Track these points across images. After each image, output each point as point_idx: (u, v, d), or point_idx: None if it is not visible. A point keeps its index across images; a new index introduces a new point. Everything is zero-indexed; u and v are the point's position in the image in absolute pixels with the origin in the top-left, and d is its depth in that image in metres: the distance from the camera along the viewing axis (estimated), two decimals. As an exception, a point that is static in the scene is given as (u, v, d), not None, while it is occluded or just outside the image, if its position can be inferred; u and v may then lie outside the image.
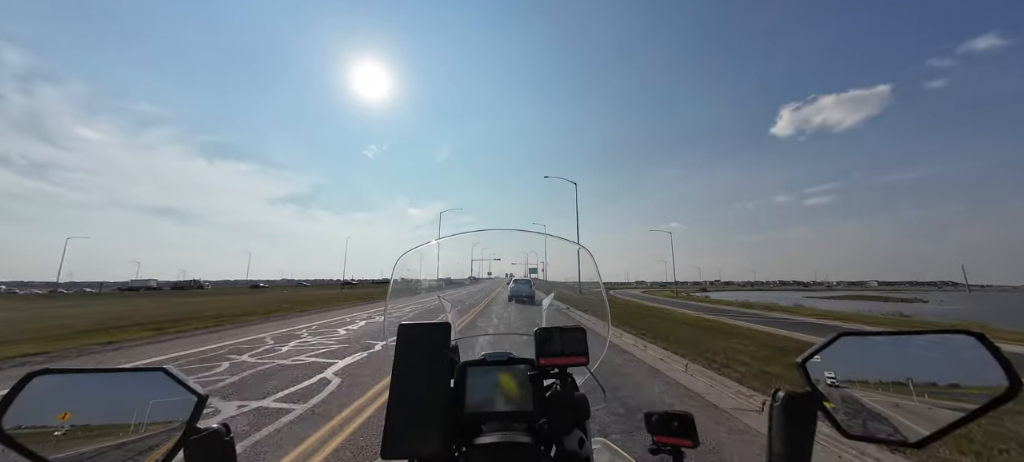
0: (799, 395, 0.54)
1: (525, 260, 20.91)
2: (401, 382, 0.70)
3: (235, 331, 10.17)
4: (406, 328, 0.77)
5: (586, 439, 0.83)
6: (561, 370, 0.91)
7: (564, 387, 0.88)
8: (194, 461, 0.53)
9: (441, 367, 0.73)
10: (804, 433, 0.52)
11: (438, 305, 1.55)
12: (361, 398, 4.47)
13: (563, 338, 0.92)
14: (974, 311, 32.51)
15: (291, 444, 3.24)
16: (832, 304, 35.99)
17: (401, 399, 0.69)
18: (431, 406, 0.68)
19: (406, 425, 0.66)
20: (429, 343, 0.76)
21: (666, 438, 0.75)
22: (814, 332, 10.52)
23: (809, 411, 0.52)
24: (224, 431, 0.57)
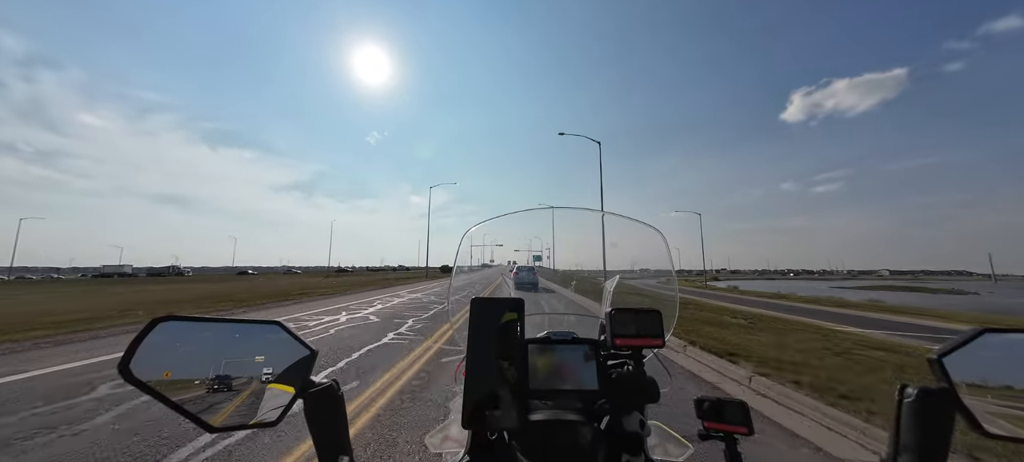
0: (934, 391, 0.52)
1: (529, 247, 18.89)
2: (475, 355, 0.72)
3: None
4: (479, 302, 0.77)
5: (646, 421, 0.86)
6: (635, 351, 0.92)
7: (636, 368, 0.90)
8: (312, 411, 0.58)
9: (514, 341, 0.73)
10: (939, 432, 0.50)
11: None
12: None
13: (638, 319, 0.93)
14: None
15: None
16: (885, 296, 34.92)
17: (476, 371, 0.70)
18: (505, 380, 0.70)
19: (483, 396, 0.68)
20: (501, 318, 0.75)
21: (718, 424, 0.75)
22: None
23: (944, 408, 0.51)
24: (335, 386, 0.61)
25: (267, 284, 27.33)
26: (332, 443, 0.59)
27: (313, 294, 16.93)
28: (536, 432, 0.78)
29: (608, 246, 2.14)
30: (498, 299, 0.77)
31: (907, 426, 0.52)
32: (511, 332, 0.74)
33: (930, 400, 0.51)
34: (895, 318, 12.95)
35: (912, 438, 0.51)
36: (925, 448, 0.50)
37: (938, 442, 0.50)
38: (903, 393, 0.53)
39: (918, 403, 0.51)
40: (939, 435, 0.50)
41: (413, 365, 5.25)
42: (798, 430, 3.42)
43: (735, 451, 0.73)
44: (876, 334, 8.93)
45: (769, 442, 3.24)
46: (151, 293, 18.90)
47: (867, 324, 11.08)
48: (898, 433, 0.52)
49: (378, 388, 4.28)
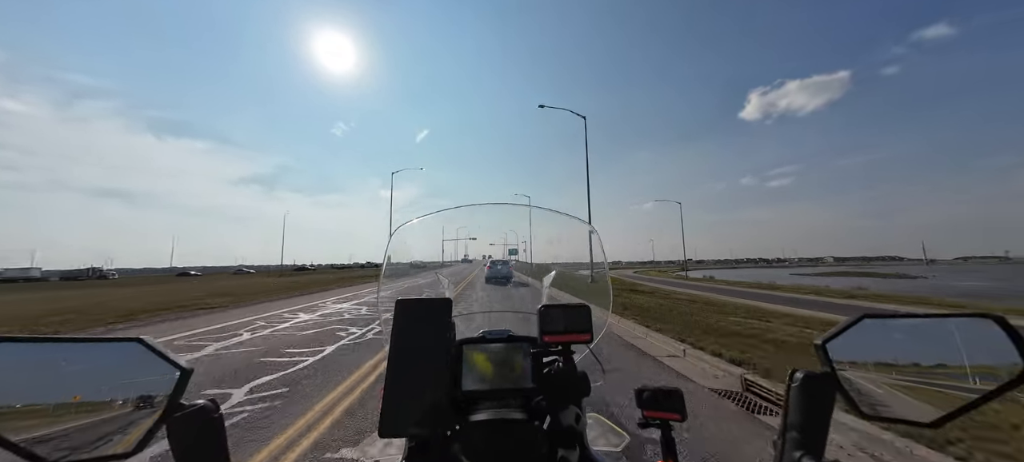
0: (817, 376, 0.56)
1: (504, 240, 17.17)
2: (399, 359, 0.70)
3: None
4: (404, 303, 0.77)
5: (582, 415, 0.88)
6: (564, 347, 0.92)
7: (566, 364, 0.90)
8: (178, 439, 0.50)
9: (441, 344, 0.73)
10: (821, 413, 0.54)
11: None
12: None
13: (567, 315, 0.93)
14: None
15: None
16: (840, 281, 37.18)
17: (399, 376, 0.69)
18: (430, 383, 0.69)
19: (404, 403, 0.66)
20: (428, 319, 0.76)
21: (656, 412, 0.80)
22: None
23: (827, 392, 0.55)
24: (212, 407, 0.53)
25: (192, 288, 22.51)
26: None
27: (238, 301, 13.73)
28: (476, 432, 0.78)
29: (546, 242, 2.02)
30: (425, 299, 0.78)
31: (794, 408, 0.56)
32: (441, 333, 0.74)
33: (814, 383, 0.56)
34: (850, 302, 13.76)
35: (797, 419, 0.55)
36: (808, 428, 0.54)
37: (820, 422, 0.54)
38: (792, 377, 0.57)
39: (803, 386, 0.56)
40: (821, 416, 0.54)
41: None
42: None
43: (669, 436, 0.78)
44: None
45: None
46: (50, 302, 15.43)
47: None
48: (787, 414, 0.56)
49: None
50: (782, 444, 0.55)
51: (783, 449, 0.55)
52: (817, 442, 0.53)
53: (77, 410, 0.45)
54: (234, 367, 5.17)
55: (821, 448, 0.53)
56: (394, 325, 0.74)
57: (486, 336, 0.99)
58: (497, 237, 10.49)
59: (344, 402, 3.91)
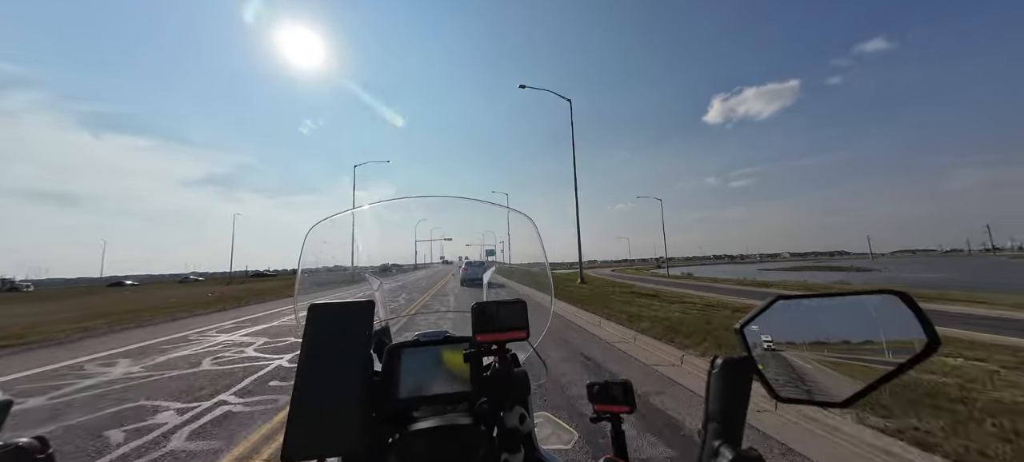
0: (736, 360, 0.56)
1: (481, 240, 16.34)
2: (310, 370, 0.65)
3: None
4: (318, 307, 0.73)
5: (528, 415, 0.85)
6: (500, 346, 0.86)
7: (503, 364, 0.85)
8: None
9: (358, 350, 0.69)
10: (739, 397, 0.54)
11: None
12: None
13: (501, 312, 0.86)
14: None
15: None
16: (802, 275, 39.90)
17: (309, 389, 0.63)
18: (346, 395, 0.64)
19: (313, 420, 0.61)
20: (347, 324, 0.71)
21: (606, 406, 0.81)
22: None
23: (745, 375, 0.55)
24: (38, 445, 0.46)
25: (100, 302, 18.40)
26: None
27: (133, 320, 10.59)
28: (416, 442, 0.75)
29: (486, 234, 2.41)
30: (345, 302, 0.74)
31: (714, 393, 0.55)
32: (361, 339, 0.70)
33: (733, 368, 0.55)
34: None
35: (718, 404, 0.55)
36: (727, 413, 0.54)
37: (738, 407, 0.54)
38: (713, 364, 0.57)
39: (723, 372, 0.55)
40: (740, 401, 0.54)
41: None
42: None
43: (619, 429, 0.78)
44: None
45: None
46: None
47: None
48: (708, 402, 0.56)
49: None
50: (705, 431, 0.55)
51: (705, 438, 0.54)
52: (736, 428, 0.53)
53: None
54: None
55: (739, 434, 0.53)
56: (306, 331, 0.70)
57: (420, 339, 0.94)
58: (474, 238, 8.70)
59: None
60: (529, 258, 1.67)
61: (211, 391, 4.57)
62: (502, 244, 33.67)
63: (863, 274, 50.56)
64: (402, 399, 0.82)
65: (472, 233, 9.34)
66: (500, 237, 11.38)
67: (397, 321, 1.10)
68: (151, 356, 6.70)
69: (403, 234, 5.22)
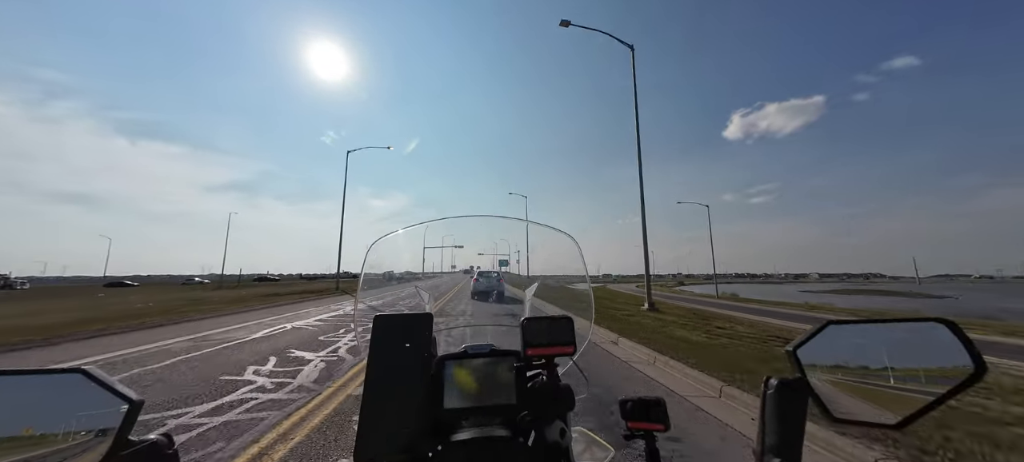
0: (790, 381, 0.59)
1: (494, 249, 13.51)
2: (377, 378, 0.70)
3: None
4: (383, 319, 0.78)
5: (567, 429, 0.86)
6: (548, 360, 0.92)
7: (551, 378, 0.90)
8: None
9: (420, 361, 0.74)
10: (795, 418, 0.57)
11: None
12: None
13: (551, 328, 0.93)
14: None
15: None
16: (858, 300, 36.10)
17: (377, 397, 0.68)
18: (409, 403, 0.69)
19: (382, 424, 0.66)
20: (408, 336, 0.76)
21: (639, 423, 0.80)
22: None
23: (800, 397, 0.58)
24: (165, 442, 0.52)
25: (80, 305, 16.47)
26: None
27: (65, 332, 8.42)
28: (458, 453, 0.77)
29: (533, 253, 2.36)
30: (405, 315, 0.79)
31: (770, 415, 0.57)
32: (421, 350, 0.74)
33: (788, 390, 0.58)
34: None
35: (774, 426, 0.57)
36: (784, 434, 0.56)
37: (795, 428, 0.56)
38: (767, 385, 0.59)
39: (778, 393, 0.58)
40: (796, 422, 0.57)
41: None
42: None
43: (653, 447, 0.79)
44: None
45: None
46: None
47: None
48: (764, 421, 0.58)
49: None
50: (761, 451, 0.57)
51: (762, 456, 0.57)
52: (793, 448, 0.55)
53: (17, 447, 0.42)
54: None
55: (797, 453, 0.55)
56: (372, 343, 0.74)
57: (468, 351, 0.97)
58: (486, 246, 6.80)
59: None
60: (561, 272, 1.64)
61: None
62: (517, 255, 28.69)
63: (934, 301, 44.22)
64: (448, 409, 0.85)
65: (485, 241, 10.17)
66: (516, 247, 10.89)
67: (445, 333, 1.19)
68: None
69: (417, 246, 5.56)
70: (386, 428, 0.64)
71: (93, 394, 0.47)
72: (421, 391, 0.69)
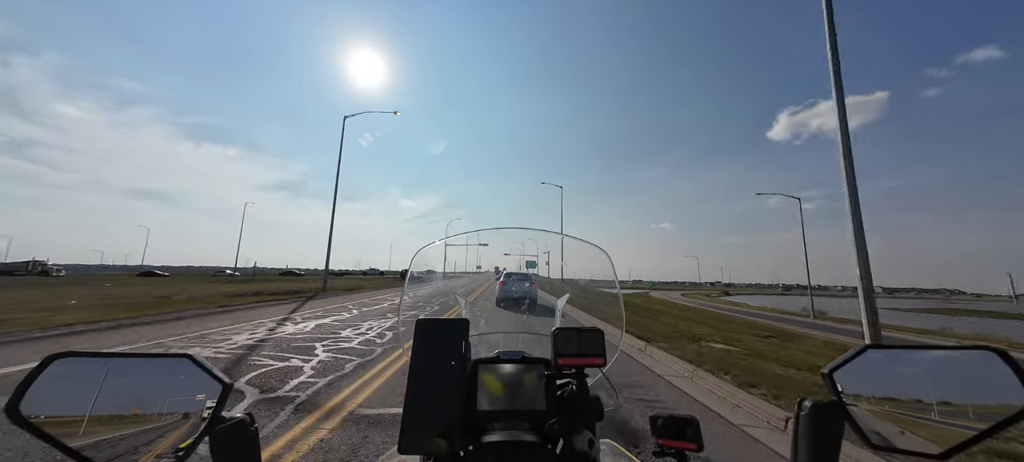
0: (825, 405, 0.58)
1: (521, 249, 10.10)
2: (418, 377, 0.75)
3: None
4: (424, 323, 0.82)
5: (595, 440, 0.88)
6: (578, 371, 0.94)
7: (580, 388, 0.92)
8: (220, 449, 0.57)
9: (459, 364, 0.77)
10: (830, 443, 0.56)
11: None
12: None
13: (581, 339, 0.95)
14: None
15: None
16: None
17: (418, 394, 0.73)
18: (447, 402, 0.72)
19: (423, 421, 0.70)
20: (447, 339, 0.80)
21: (671, 441, 0.81)
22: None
23: (835, 421, 0.56)
24: (249, 421, 0.60)
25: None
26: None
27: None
28: (488, 454, 0.80)
29: (565, 264, 2.41)
30: (445, 320, 0.83)
31: (803, 437, 0.57)
32: (458, 353, 0.77)
33: (823, 413, 0.57)
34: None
35: (807, 449, 0.56)
36: (818, 457, 0.55)
37: (829, 451, 0.55)
38: (800, 406, 0.58)
39: (812, 416, 0.57)
40: (830, 446, 0.56)
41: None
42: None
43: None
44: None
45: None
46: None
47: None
48: (796, 444, 0.58)
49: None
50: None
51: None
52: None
53: (132, 420, 0.51)
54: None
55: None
56: (414, 344, 0.78)
57: (500, 356, 1.01)
58: (512, 246, 7.60)
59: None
60: (593, 283, 1.76)
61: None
62: (547, 255, 24.81)
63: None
64: (480, 411, 0.88)
65: (510, 241, 6.70)
66: (545, 248, 13.24)
67: (477, 337, 1.24)
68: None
69: (457, 245, 2.87)
70: (426, 423, 0.68)
71: (196, 376, 0.57)
72: (457, 391, 0.73)
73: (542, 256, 24.11)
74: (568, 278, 2.05)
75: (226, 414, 0.57)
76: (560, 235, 1.72)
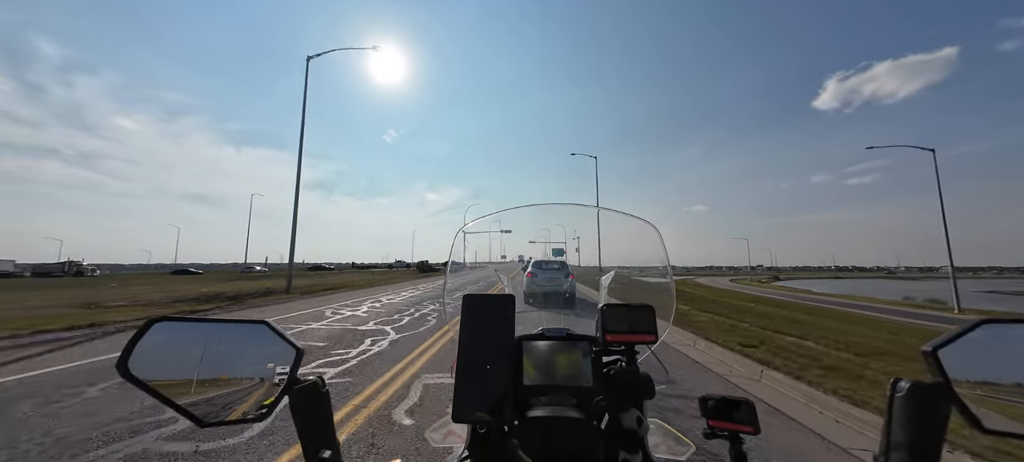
0: (927, 386, 0.53)
1: (547, 236, 11.02)
2: (467, 350, 0.78)
3: None
4: (471, 298, 0.84)
5: (644, 418, 0.91)
6: (628, 347, 0.97)
7: (629, 365, 0.95)
8: (298, 407, 0.64)
9: (506, 338, 0.80)
10: (932, 427, 0.52)
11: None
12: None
13: (631, 315, 0.97)
14: None
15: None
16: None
17: (468, 366, 0.76)
18: (495, 375, 0.75)
19: (474, 390, 0.74)
20: (493, 314, 0.82)
21: (724, 423, 0.80)
22: None
23: (939, 403, 0.52)
24: (321, 382, 0.66)
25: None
26: (317, 438, 0.65)
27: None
28: (534, 428, 0.84)
29: (603, 241, 1.99)
30: (491, 296, 0.84)
31: (899, 421, 0.53)
32: (504, 328, 0.79)
33: (923, 394, 0.53)
34: None
35: (904, 434, 0.52)
36: (917, 444, 0.51)
37: (931, 438, 0.51)
38: (895, 387, 0.55)
39: (910, 398, 0.53)
40: (932, 431, 0.52)
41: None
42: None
43: (740, 451, 0.77)
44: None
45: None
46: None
47: None
48: (890, 428, 0.54)
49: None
50: (885, 461, 0.55)
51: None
52: (928, 461, 0.51)
53: (223, 380, 0.60)
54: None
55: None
56: (463, 318, 0.81)
57: (545, 333, 1.05)
58: (537, 233, 8.48)
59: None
60: (638, 263, 1.62)
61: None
62: (577, 240, 19.06)
63: None
64: (527, 386, 0.93)
65: (535, 228, 7.36)
66: (575, 232, 8.09)
67: (521, 315, 1.23)
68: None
69: (478, 232, 9.16)
70: (477, 394, 0.72)
71: (272, 341, 0.65)
72: (505, 365, 0.75)
73: (572, 241, 21.27)
74: (611, 261, 1.66)
75: (300, 376, 0.65)
76: (597, 208, 1.56)
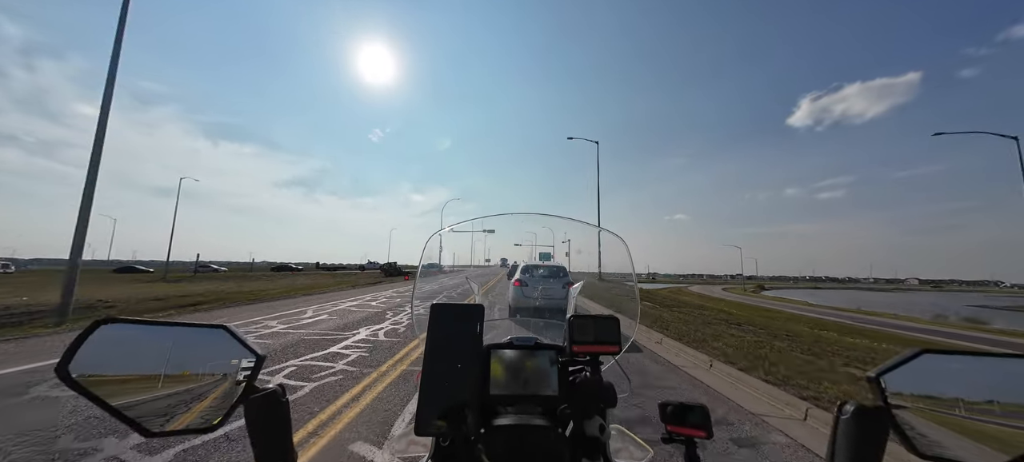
0: (870, 409, 0.56)
1: (532, 239, 6.79)
2: (433, 361, 0.79)
3: None
4: (439, 308, 0.86)
5: (606, 426, 0.97)
6: (593, 358, 1.03)
7: (594, 374, 1.01)
8: (253, 418, 0.60)
9: (474, 347, 0.82)
10: (872, 450, 0.55)
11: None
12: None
13: (597, 326, 1.03)
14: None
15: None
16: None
17: (433, 377, 0.77)
18: (463, 386, 0.77)
19: (438, 402, 0.75)
20: (461, 324, 0.84)
21: (680, 428, 0.84)
22: None
23: (879, 427, 0.55)
24: (280, 392, 0.64)
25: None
26: (272, 451, 0.62)
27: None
28: (500, 436, 0.86)
29: (574, 252, 2.49)
30: (459, 305, 0.86)
31: (842, 443, 0.56)
32: (473, 338, 0.81)
33: (866, 418, 0.55)
34: None
35: (845, 455, 0.56)
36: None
37: (871, 459, 0.55)
38: (841, 409, 0.58)
39: (854, 420, 0.56)
40: (872, 453, 0.55)
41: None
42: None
43: (694, 454, 0.81)
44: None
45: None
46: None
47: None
48: (834, 449, 0.58)
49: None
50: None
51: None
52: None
53: (172, 385, 0.56)
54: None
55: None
56: (429, 328, 0.82)
57: (513, 342, 1.08)
58: (522, 236, 6.17)
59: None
60: (607, 271, 1.72)
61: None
62: (566, 244, 19.54)
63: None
64: (493, 395, 0.95)
65: (520, 230, 6.12)
66: (561, 237, 7.01)
67: (491, 324, 1.31)
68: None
69: (462, 231, 2.57)
70: (441, 405, 0.72)
71: (231, 347, 0.61)
72: (471, 375, 0.76)
73: (561, 246, 19.71)
74: (582, 268, 2.10)
75: (259, 385, 0.61)
76: (571, 221, 1.65)
